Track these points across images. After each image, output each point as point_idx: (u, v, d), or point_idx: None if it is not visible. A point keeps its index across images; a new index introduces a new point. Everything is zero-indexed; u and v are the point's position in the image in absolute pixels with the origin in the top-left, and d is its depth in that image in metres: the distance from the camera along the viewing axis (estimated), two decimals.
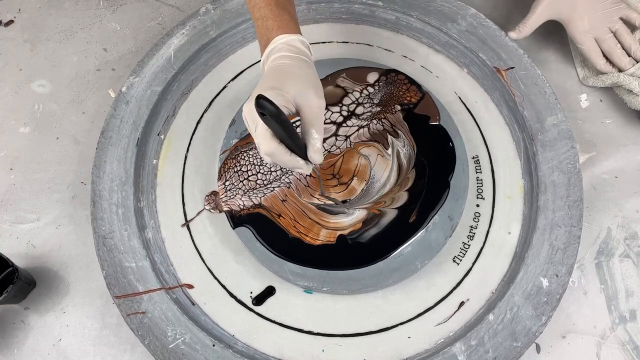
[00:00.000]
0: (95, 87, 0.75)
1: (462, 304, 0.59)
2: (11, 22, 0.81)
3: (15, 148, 0.71)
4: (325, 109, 0.67)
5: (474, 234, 0.63)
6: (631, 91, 0.69)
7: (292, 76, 0.49)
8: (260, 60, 0.56)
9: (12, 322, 0.60)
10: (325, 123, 0.67)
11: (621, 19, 0.71)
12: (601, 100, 0.74)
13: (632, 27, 0.72)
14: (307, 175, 0.64)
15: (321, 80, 0.69)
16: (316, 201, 0.63)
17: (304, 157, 0.50)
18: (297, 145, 0.48)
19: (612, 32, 0.71)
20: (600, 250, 0.64)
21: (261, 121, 0.46)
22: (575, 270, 0.62)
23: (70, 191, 0.68)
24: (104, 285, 0.59)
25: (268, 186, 0.64)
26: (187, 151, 0.69)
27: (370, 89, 0.70)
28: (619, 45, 0.71)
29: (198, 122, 0.71)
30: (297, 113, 0.49)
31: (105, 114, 0.69)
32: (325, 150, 0.66)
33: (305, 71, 0.51)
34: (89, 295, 0.62)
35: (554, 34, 0.78)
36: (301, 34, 0.54)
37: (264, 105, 0.41)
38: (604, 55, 0.72)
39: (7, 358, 0.58)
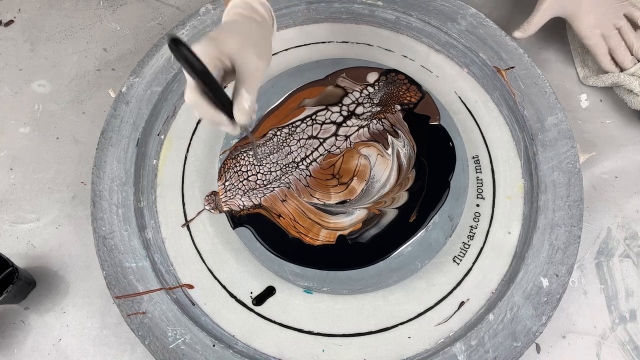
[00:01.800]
0: (95, 87, 0.75)
1: (462, 303, 0.59)
2: (11, 22, 0.81)
3: (15, 148, 0.71)
4: (325, 108, 0.68)
5: (474, 233, 0.63)
6: (631, 91, 0.69)
7: (237, 32, 0.48)
8: None
9: (12, 322, 0.60)
10: (325, 123, 0.67)
11: (625, 16, 0.70)
12: (601, 100, 0.74)
13: (635, 26, 0.71)
14: (237, 136, 0.61)
15: (321, 80, 0.70)
16: (316, 201, 0.63)
17: (230, 116, 0.47)
18: (221, 100, 0.46)
19: (616, 28, 0.70)
20: (600, 250, 0.64)
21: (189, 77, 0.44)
22: (575, 270, 0.62)
23: (70, 191, 0.68)
24: (104, 285, 0.59)
25: (268, 186, 0.64)
26: (187, 151, 0.69)
27: (370, 89, 0.70)
28: (623, 42, 0.71)
29: (198, 122, 0.71)
30: (233, 70, 0.48)
31: (105, 114, 0.69)
32: (325, 150, 0.66)
33: (252, 30, 0.49)
34: (89, 295, 0.62)
35: (555, 34, 0.78)
36: None
37: (176, 47, 0.38)
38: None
39: (7, 358, 0.58)
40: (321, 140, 0.66)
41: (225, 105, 0.46)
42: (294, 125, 0.67)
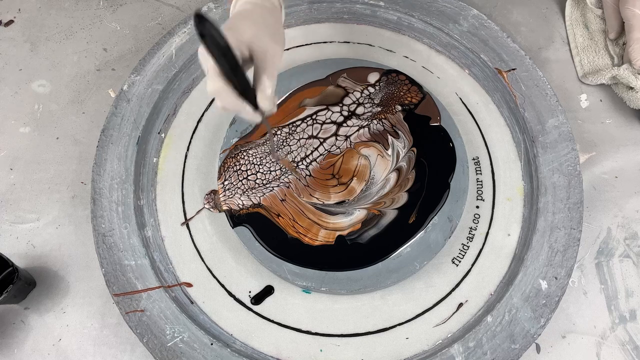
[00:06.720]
0: (95, 87, 0.75)
1: (460, 305, 0.59)
2: (11, 22, 0.81)
3: (15, 148, 0.71)
4: (326, 108, 0.68)
5: (474, 235, 0.63)
6: (631, 88, 0.69)
7: (251, 20, 0.48)
8: None
9: (12, 322, 0.60)
10: (325, 123, 0.67)
11: None
12: (601, 100, 0.74)
13: None
14: (255, 124, 0.60)
15: (322, 80, 0.70)
16: (315, 201, 0.63)
17: (253, 103, 0.46)
18: (243, 87, 0.44)
19: None
20: (600, 250, 0.64)
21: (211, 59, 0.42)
22: (575, 270, 0.62)
23: (70, 191, 0.68)
24: (104, 285, 0.59)
25: (267, 185, 0.64)
26: (188, 150, 0.69)
27: (371, 89, 0.70)
28: None
29: (199, 121, 0.71)
30: (250, 58, 0.47)
31: (105, 113, 0.69)
32: (326, 150, 0.66)
33: (265, 17, 0.49)
34: (89, 295, 0.62)
35: (554, 33, 0.78)
36: None
37: (202, 24, 0.36)
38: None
39: (7, 358, 0.58)
40: (321, 140, 0.66)
41: (247, 93, 0.45)
42: (294, 124, 0.67)
